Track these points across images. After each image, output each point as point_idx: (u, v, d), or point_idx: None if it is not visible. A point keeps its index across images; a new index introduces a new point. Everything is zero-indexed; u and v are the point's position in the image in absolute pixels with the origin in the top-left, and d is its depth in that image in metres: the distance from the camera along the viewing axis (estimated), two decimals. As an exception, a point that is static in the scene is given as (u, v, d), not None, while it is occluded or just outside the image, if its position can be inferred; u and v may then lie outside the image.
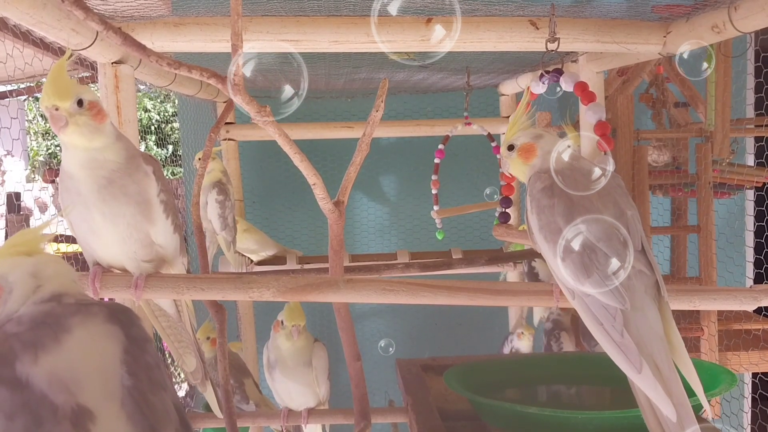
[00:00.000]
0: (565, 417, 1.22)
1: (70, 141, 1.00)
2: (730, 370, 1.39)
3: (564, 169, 1.03)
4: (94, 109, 1.00)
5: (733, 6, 1.27)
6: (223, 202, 2.20)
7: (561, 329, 2.25)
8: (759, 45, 2.43)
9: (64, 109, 0.97)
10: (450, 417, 1.45)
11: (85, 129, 0.99)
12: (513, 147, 1.12)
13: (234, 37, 0.84)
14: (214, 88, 2.34)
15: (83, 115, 0.99)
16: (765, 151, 2.45)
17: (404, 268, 1.92)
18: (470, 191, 3.11)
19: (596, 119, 1.48)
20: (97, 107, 1.01)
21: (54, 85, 0.97)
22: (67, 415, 0.66)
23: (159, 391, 0.74)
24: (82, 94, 0.99)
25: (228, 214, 2.23)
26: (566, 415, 1.22)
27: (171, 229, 1.12)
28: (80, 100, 0.99)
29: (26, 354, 0.68)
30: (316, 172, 1.04)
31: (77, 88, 1.00)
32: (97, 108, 1.01)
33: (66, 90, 0.98)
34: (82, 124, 0.99)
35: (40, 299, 0.74)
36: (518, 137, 1.12)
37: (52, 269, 0.77)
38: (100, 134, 1.01)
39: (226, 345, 1.49)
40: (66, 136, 0.99)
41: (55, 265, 0.78)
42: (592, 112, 1.48)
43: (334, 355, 1.90)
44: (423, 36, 1.53)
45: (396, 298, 1.04)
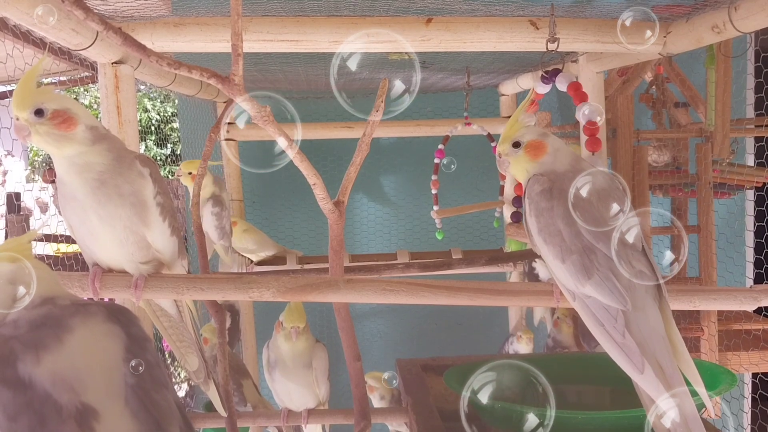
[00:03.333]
0: (565, 417, 1.22)
1: (40, 148, 1.00)
2: (730, 371, 1.39)
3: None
4: (58, 119, 0.97)
5: (733, 6, 1.27)
6: (220, 213, 2.19)
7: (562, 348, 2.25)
8: (759, 45, 2.43)
9: (23, 119, 0.96)
10: (450, 417, 1.45)
11: (48, 138, 0.97)
12: (519, 144, 1.08)
13: (234, 37, 0.84)
14: (214, 88, 2.34)
15: (44, 125, 0.96)
16: (765, 151, 2.45)
17: (404, 268, 1.92)
18: (470, 191, 3.11)
19: (586, 119, 1.49)
20: (63, 116, 0.98)
21: (15, 95, 0.95)
22: (72, 414, 0.66)
23: (161, 389, 0.75)
24: (43, 103, 0.96)
25: (225, 224, 2.22)
26: (566, 415, 1.22)
27: (168, 232, 1.11)
28: (39, 110, 0.96)
29: (28, 355, 0.68)
30: (316, 172, 1.04)
31: (40, 97, 0.96)
32: (62, 117, 0.97)
33: (23, 100, 0.95)
34: (43, 133, 0.97)
35: (31, 304, 0.74)
36: (524, 134, 1.08)
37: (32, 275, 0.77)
38: (69, 142, 0.99)
39: (226, 345, 1.49)
40: (33, 144, 0.98)
41: (36, 271, 0.78)
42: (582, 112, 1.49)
43: (334, 355, 1.90)
44: (423, 36, 1.53)
45: (396, 298, 1.04)
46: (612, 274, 0.96)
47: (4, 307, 0.74)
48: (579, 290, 0.98)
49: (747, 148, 2.88)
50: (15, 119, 0.96)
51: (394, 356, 2.09)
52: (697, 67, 2.71)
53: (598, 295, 0.96)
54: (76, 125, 0.99)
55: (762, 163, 2.44)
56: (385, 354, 3.16)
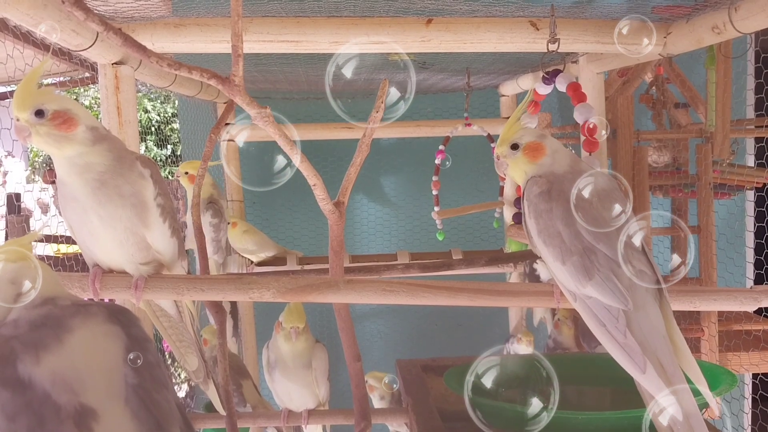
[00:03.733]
0: (565, 417, 1.22)
1: (40, 149, 1.00)
2: (730, 371, 1.39)
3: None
4: (59, 119, 0.97)
5: (734, 7, 1.27)
6: (218, 225, 2.15)
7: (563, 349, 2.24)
8: (759, 46, 2.43)
9: (24, 120, 0.96)
10: (450, 418, 1.45)
11: (48, 139, 0.97)
12: (517, 146, 1.07)
13: (234, 38, 0.84)
14: (214, 88, 2.34)
15: (44, 125, 0.96)
16: (765, 151, 2.45)
17: (404, 269, 1.92)
18: (470, 192, 3.11)
19: (584, 120, 1.49)
20: (63, 117, 0.98)
21: (16, 95, 0.95)
22: (71, 415, 0.66)
23: (162, 389, 0.75)
24: (44, 104, 0.96)
25: (222, 237, 2.17)
26: (566, 415, 1.22)
27: (168, 233, 1.11)
28: (40, 111, 0.96)
29: (28, 355, 0.68)
30: (317, 172, 1.03)
31: (40, 98, 0.97)
32: (63, 117, 0.98)
33: (24, 101, 0.95)
34: (44, 134, 0.97)
35: (32, 304, 0.74)
36: (521, 136, 1.07)
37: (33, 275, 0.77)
38: (70, 143, 0.99)
39: (227, 346, 1.49)
40: (33, 145, 0.98)
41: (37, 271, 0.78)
42: (579, 113, 1.50)
43: (334, 356, 1.90)
44: (423, 37, 1.53)
45: (396, 299, 1.04)
46: (613, 275, 0.96)
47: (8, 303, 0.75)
48: (580, 291, 0.98)
49: (747, 149, 2.88)
50: (15, 120, 0.96)
51: (394, 356, 2.09)
52: (697, 68, 2.71)
53: (599, 296, 0.96)
54: (77, 126, 0.99)
55: (762, 164, 2.44)
56: (385, 354, 3.16)
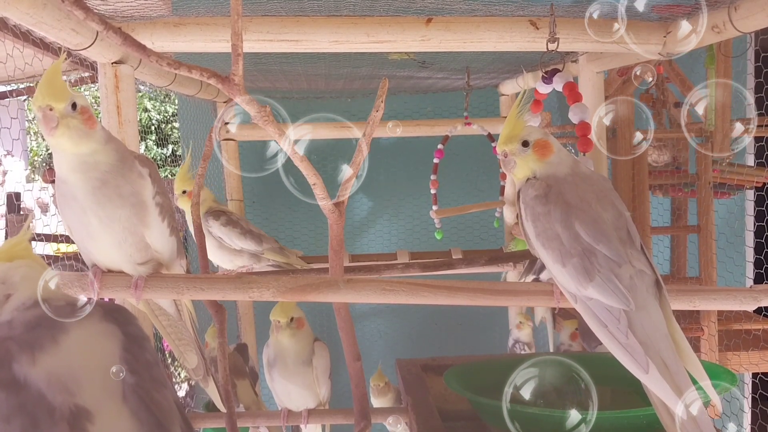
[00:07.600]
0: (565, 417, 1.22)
1: (58, 144, 0.99)
2: (730, 370, 1.39)
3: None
4: (86, 114, 0.99)
5: (733, 6, 1.27)
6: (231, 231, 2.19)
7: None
8: (759, 45, 2.43)
9: (57, 110, 0.96)
10: (450, 417, 1.45)
11: (74, 133, 0.98)
12: (528, 143, 1.05)
13: (234, 37, 0.84)
14: (214, 88, 2.34)
15: (75, 118, 0.98)
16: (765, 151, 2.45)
17: (404, 268, 1.92)
18: (470, 191, 3.11)
19: (578, 119, 1.49)
20: (89, 113, 1.00)
21: (50, 86, 0.96)
22: (65, 416, 0.66)
23: (161, 388, 0.74)
24: (76, 98, 0.98)
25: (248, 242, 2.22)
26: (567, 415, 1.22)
27: (167, 232, 1.11)
28: (74, 104, 0.98)
29: (23, 356, 0.68)
30: (316, 172, 1.03)
31: (72, 91, 0.99)
32: (88, 113, 0.99)
33: (62, 91, 0.96)
34: (72, 127, 0.98)
35: (26, 305, 0.74)
36: (530, 133, 1.05)
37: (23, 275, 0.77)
38: (89, 139, 1.00)
39: (227, 345, 1.49)
40: (55, 138, 0.98)
41: (28, 271, 0.77)
42: (574, 113, 1.50)
43: (334, 355, 1.90)
44: (423, 36, 1.53)
45: (396, 298, 1.04)
46: (613, 275, 0.96)
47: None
48: (581, 293, 0.97)
49: (747, 148, 2.88)
50: (48, 109, 0.95)
51: (394, 356, 2.09)
52: (697, 67, 2.71)
53: (600, 297, 0.96)
54: (96, 124, 1.01)
55: (762, 163, 2.44)
56: (385, 354, 3.16)
